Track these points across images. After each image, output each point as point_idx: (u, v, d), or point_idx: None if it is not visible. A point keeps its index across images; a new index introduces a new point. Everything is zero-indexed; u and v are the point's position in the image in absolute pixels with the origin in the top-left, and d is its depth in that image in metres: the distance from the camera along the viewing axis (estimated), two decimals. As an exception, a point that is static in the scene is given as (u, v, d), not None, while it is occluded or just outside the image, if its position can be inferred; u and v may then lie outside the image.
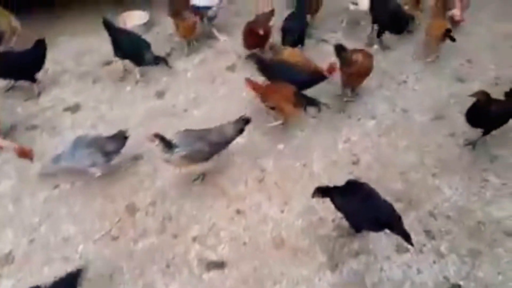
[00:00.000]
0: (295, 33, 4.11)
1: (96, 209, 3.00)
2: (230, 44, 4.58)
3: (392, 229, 2.59)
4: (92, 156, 2.99)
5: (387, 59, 4.36)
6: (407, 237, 2.53)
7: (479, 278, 2.64)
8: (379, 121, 3.70)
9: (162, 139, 2.84)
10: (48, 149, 3.37)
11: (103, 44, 4.22)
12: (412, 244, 2.55)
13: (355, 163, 3.34)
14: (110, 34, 3.88)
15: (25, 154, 2.98)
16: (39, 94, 3.94)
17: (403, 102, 3.89)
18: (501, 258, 2.74)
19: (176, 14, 4.20)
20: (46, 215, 2.96)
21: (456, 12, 4.43)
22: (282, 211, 3.00)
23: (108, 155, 3.06)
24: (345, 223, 2.90)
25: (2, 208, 3.01)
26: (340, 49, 3.59)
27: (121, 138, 3.15)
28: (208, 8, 4.46)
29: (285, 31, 4.14)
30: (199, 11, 4.42)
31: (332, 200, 2.73)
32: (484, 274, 2.66)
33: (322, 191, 2.73)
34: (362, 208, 2.62)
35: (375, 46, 4.48)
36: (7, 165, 3.30)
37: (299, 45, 4.22)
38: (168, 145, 2.86)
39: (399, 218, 2.60)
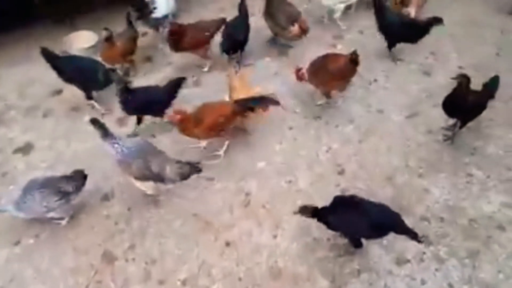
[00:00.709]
0: (232, 39, 3.96)
1: (67, 264, 2.66)
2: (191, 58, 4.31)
3: (396, 230, 2.52)
4: (46, 200, 2.64)
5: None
6: (413, 234, 2.47)
7: (481, 280, 2.60)
8: (357, 125, 3.60)
9: (100, 126, 2.74)
10: (1, 199, 2.96)
11: (48, 72, 3.81)
12: (420, 241, 2.50)
13: (341, 173, 3.21)
14: (53, 65, 3.51)
15: None
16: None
17: (376, 101, 3.82)
18: (499, 255, 2.72)
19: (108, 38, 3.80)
20: (8, 280, 2.58)
21: (410, 10, 4.41)
22: (275, 236, 2.81)
23: (64, 196, 2.72)
24: (340, 240, 2.76)
25: (-46, 277, 2.59)
26: None
27: (79, 177, 2.83)
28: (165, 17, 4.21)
29: (223, 37, 4.01)
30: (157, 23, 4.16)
31: (324, 221, 2.59)
32: (485, 274, 2.63)
33: (311, 213, 2.60)
34: (358, 219, 2.51)
35: (339, 47, 4.39)
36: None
37: (239, 51, 4.09)
38: (105, 133, 2.74)
39: (399, 216, 2.53)
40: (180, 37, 3.87)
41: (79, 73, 3.54)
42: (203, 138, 3.25)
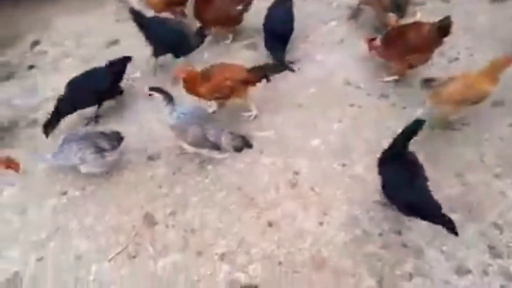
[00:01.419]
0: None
1: (110, 221, 2.67)
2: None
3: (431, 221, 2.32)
4: (81, 152, 2.68)
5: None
6: (448, 225, 2.22)
7: (556, 307, 2.26)
8: (428, 108, 3.18)
9: (161, 91, 2.66)
10: (52, 148, 3.00)
11: (104, 23, 3.72)
12: (456, 233, 2.23)
13: (404, 162, 2.88)
14: (143, 27, 3.38)
15: (10, 166, 2.70)
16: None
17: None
18: None
19: None
20: (54, 229, 2.64)
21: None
22: (321, 223, 2.61)
23: (99, 151, 2.72)
24: (395, 238, 2.51)
25: (6, 222, 2.70)
26: None
27: (116, 137, 2.81)
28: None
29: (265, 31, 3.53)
30: None
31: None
32: (562, 301, 2.27)
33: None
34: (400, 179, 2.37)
35: (419, 15, 3.85)
36: (8, 170, 2.94)
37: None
38: (169, 98, 2.67)
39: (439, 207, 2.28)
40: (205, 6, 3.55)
41: (168, 35, 3.40)
42: (208, 99, 3.06)
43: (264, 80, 3.05)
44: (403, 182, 2.38)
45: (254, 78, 3.01)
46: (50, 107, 3.11)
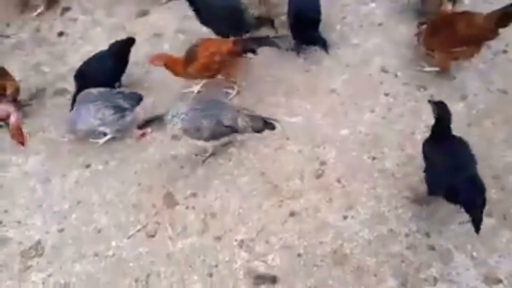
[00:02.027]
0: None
1: (130, 199, 2.65)
2: None
3: (468, 207, 2.17)
4: (101, 112, 2.64)
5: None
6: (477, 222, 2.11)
7: None
8: (469, 104, 2.98)
9: (148, 123, 2.54)
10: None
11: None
12: (478, 230, 2.12)
13: (437, 159, 2.72)
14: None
15: (17, 137, 2.67)
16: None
17: (501, 78, 3.09)
18: None
19: None
20: (76, 202, 2.65)
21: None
22: (345, 218, 2.51)
23: (119, 111, 2.68)
24: (422, 239, 2.40)
25: (30, 190, 2.73)
26: None
27: (135, 97, 2.79)
28: None
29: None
30: None
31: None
32: None
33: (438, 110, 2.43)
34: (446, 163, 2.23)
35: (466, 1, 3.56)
36: (35, 138, 2.97)
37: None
38: (159, 118, 2.54)
39: (483, 201, 2.16)
40: None
41: (223, 13, 3.10)
42: (198, 78, 3.00)
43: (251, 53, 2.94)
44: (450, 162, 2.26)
45: (240, 49, 2.89)
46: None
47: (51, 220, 2.59)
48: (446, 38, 2.82)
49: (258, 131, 2.63)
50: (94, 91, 2.73)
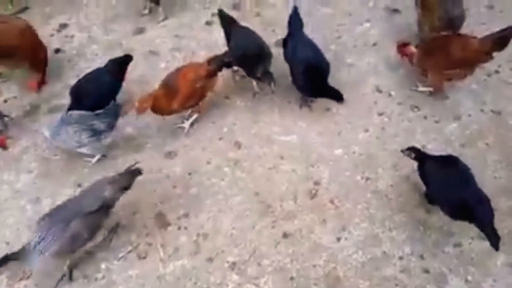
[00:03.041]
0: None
1: (122, 218, 2.61)
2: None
3: (475, 221, 2.22)
4: (78, 135, 2.69)
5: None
6: (493, 237, 2.15)
7: None
8: (463, 124, 2.99)
9: None
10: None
11: (133, 10, 3.64)
12: (497, 248, 2.15)
13: (431, 180, 2.72)
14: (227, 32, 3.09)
15: None
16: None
17: (494, 99, 3.12)
18: None
19: None
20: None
21: None
22: (339, 239, 2.49)
23: (96, 134, 2.71)
24: (416, 262, 2.37)
25: (20, 209, 2.68)
26: None
27: (112, 113, 2.78)
28: None
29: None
30: None
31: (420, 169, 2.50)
32: None
33: (415, 152, 2.54)
34: (449, 183, 2.31)
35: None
36: (27, 155, 2.94)
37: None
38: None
39: (491, 213, 2.21)
40: None
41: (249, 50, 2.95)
42: (182, 110, 2.95)
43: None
44: (455, 181, 2.33)
45: (217, 67, 2.91)
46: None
47: (41, 241, 2.54)
48: (440, 60, 2.85)
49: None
50: (75, 114, 2.76)
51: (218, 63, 2.92)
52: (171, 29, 3.76)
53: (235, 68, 3.23)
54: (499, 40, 2.67)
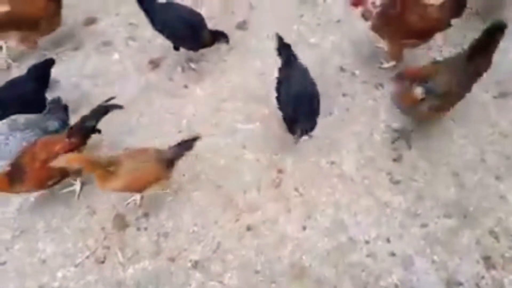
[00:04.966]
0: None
1: (78, 223, 2.49)
2: None
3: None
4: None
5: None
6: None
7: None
8: (428, 100, 2.92)
9: None
10: None
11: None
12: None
13: (396, 160, 2.66)
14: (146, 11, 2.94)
15: None
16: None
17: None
18: None
19: None
20: (20, 231, 2.48)
21: None
22: (304, 228, 2.42)
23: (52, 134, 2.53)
24: (382, 247, 2.33)
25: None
26: None
27: (59, 108, 2.62)
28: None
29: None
30: None
31: None
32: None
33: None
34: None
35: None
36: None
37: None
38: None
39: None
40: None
41: (176, 26, 2.92)
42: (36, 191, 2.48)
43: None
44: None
45: (80, 139, 2.47)
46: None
47: (-8, 253, 2.41)
48: (395, 28, 2.74)
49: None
50: (19, 119, 2.56)
51: (81, 132, 2.46)
52: (124, 17, 3.56)
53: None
54: (456, 5, 2.59)
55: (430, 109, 2.46)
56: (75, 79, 3.20)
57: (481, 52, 2.44)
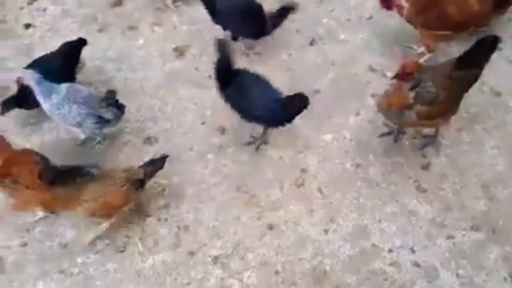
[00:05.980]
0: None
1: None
2: None
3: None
4: (80, 117, 2.48)
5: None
6: None
7: None
8: (460, 106, 2.82)
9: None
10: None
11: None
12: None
13: (425, 168, 2.59)
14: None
15: None
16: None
17: (495, 80, 2.93)
18: None
19: None
20: (41, 214, 2.47)
21: None
22: (326, 231, 2.38)
23: (103, 122, 2.53)
24: (406, 256, 2.27)
25: (-8, 201, 2.53)
26: None
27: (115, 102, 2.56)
28: None
29: None
30: None
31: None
32: None
33: None
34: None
35: None
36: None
37: None
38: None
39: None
40: None
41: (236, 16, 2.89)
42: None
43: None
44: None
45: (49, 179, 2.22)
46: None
47: (13, 235, 2.41)
48: (433, 19, 2.65)
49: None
50: (82, 91, 2.51)
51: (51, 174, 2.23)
52: (151, 1, 3.49)
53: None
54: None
55: (418, 115, 2.31)
56: (98, 62, 3.16)
57: (469, 63, 2.34)
